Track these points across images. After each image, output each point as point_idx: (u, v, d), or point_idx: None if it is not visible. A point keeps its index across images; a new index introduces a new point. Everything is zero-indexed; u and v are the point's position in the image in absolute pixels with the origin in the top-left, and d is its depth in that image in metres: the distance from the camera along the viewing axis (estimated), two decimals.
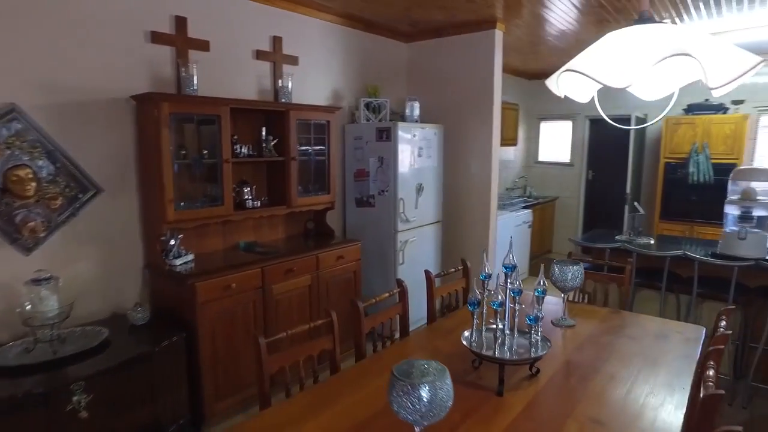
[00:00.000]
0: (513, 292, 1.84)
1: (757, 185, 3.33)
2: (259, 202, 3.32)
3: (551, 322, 2.40)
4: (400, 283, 2.39)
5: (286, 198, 3.42)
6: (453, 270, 2.78)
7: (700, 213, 5.61)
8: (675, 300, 3.70)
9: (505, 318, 1.78)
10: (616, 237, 4.09)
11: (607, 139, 7.01)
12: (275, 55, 3.56)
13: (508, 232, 5.32)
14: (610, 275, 2.92)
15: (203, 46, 3.12)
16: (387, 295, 2.29)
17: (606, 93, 1.95)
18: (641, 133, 6.34)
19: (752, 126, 5.61)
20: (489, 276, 1.93)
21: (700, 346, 2.15)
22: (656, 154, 6.38)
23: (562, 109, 7.27)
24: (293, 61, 3.70)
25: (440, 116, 4.55)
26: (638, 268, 3.65)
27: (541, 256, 7.05)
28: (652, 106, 6.51)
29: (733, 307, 2.11)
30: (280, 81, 3.55)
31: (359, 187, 4.15)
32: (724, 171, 5.40)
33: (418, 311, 3.72)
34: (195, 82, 2.92)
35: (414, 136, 4.07)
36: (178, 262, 2.84)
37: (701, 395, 1.37)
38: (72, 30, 2.55)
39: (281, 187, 3.45)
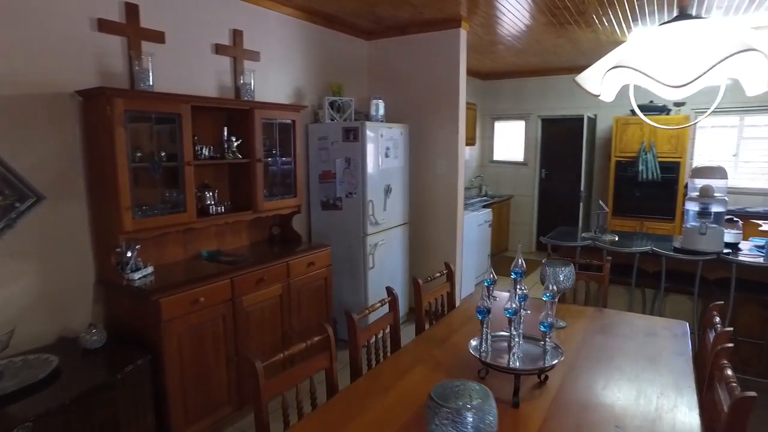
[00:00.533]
0: (520, 298, 1.76)
1: (714, 182, 3.49)
2: (222, 208, 3.07)
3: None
4: (390, 291, 2.25)
5: (251, 202, 3.19)
6: (438, 274, 2.68)
7: (648, 209, 5.88)
8: (640, 294, 3.81)
9: (518, 325, 1.69)
10: (582, 234, 4.17)
11: (558, 139, 7.22)
12: (236, 50, 3.32)
13: (471, 231, 5.32)
14: (591, 273, 2.94)
15: (158, 37, 2.84)
16: (379, 304, 2.15)
17: (559, 94, 1.92)
18: (592, 133, 6.57)
19: (692, 127, 5.94)
20: (494, 281, 1.84)
21: (689, 342, 2.17)
22: (607, 152, 6.63)
23: (515, 109, 7.42)
24: (255, 56, 3.47)
25: (404, 116, 4.46)
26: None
27: (498, 255, 7.14)
28: (601, 107, 6.78)
29: (722, 302, 2.14)
30: (241, 78, 3.31)
31: (325, 189, 3.98)
32: (669, 169, 5.70)
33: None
34: (150, 77, 2.64)
35: (381, 136, 3.95)
36: (136, 275, 2.55)
37: (730, 398, 1.33)
38: (2, 14, 2.22)
39: (246, 190, 3.22)
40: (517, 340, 1.69)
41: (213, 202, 3.05)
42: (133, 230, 2.47)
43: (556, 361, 1.66)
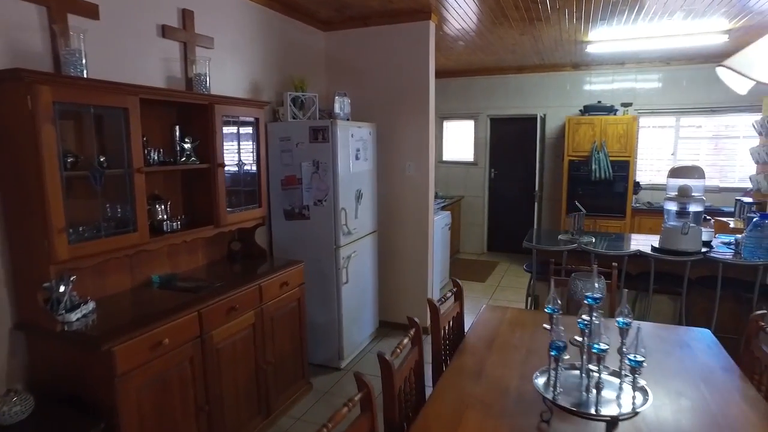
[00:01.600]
0: (587, 325, 1.48)
1: (692, 182, 3.48)
2: (178, 223, 2.53)
3: (570, 342, 2.11)
4: (412, 321, 1.89)
5: (212, 215, 2.68)
6: (449, 294, 2.35)
7: (601, 207, 5.97)
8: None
9: (600, 362, 1.40)
10: (560, 237, 4.05)
11: (508, 138, 7.20)
12: (186, 34, 2.78)
13: (437, 235, 5.06)
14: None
15: (89, 11, 2.25)
16: (407, 340, 1.78)
17: (507, 93, 1.68)
18: (542, 132, 6.59)
19: (636, 127, 6.12)
20: (559, 309, 1.54)
21: (726, 354, 2.03)
22: (557, 152, 6.69)
23: (464, 108, 7.31)
24: (208, 42, 2.95)
25: (368, 114, 4.10)
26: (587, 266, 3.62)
27: (451, 257, 6.98)
28: (550, 107, 6.85)
29: (765, 312, 2.01)
30: (194, 67, 2.78)
31: (289, 196, 3.51)
32: (620, 167, 5.81)
33: (361, 336, 3.32)
34: (84, 60, 2.07)
35: (352, 136, 3.57)
36: (73, 316, 1.98)
37: None
38: None
39: (204, 201, 2.70)
40: (603, 378, 1.40)
41: (166, 217, 2.51)
42: (69, 258, 1.90)
43: (647, 404, 1.39)
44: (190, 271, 2.80)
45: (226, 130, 2.75)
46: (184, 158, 2.58)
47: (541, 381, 1.51)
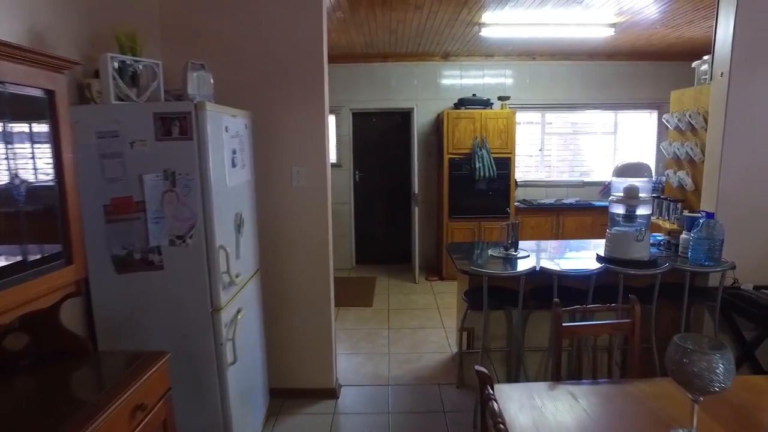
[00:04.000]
0: None
1: (639, 182, 3.06)
2: None
3: None
4: None
5: None
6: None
7: (484, 208, 5.56)
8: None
9: None
10: (491, 252, 3.33)
11: (373, 135, 6.40)
12: None
13: None
14: (616, 324, 2.03)
15: None
16: None
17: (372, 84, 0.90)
18: (414, 128, 5.93)
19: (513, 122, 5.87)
20: None
21: None
22: (429, 150, 6.11)
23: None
24: None
25: (236, 100, 2.78)
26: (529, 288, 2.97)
27: None
28: (420, 99, 6.22)
29: None
30: None
31: (120, 233, 2.04)
32: (502, 165, 5.46)
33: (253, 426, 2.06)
34: None
35: (227, 129, 2.25)
36: None
37: None
38: None
39: None
40: None
41: None
42: None
43: None
44: None
45: None
46: None
47: None
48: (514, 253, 3.24)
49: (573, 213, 5.70)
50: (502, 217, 5.53)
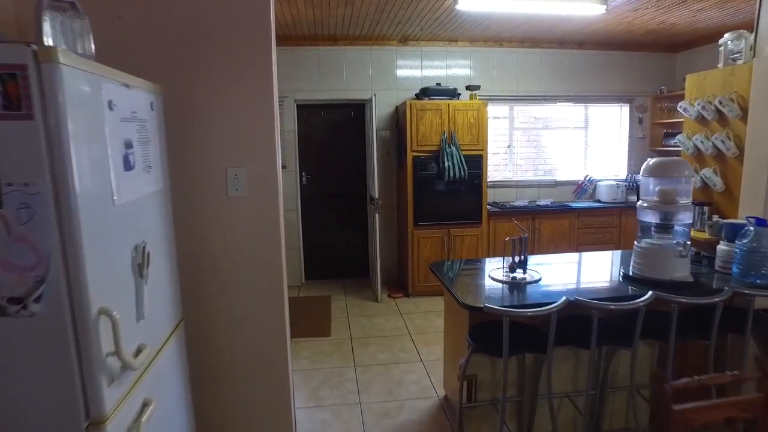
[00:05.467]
0: None
1: (677, 184, 2.44)
2: None
3: None
4: None
5: None
6: None
7: (454, 214, 4.86)
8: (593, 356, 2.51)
9: None
10: (490, 275, 2.59)
11: (320, 131, 5.52)
12: None
13: None
14: (744, 402, 1.33)
15: None
16: None
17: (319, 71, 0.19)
18: (361, 125, 5.13)
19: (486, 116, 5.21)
20: None
21: None
22: (388, 146, 5.32)
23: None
24: None
25: (141, 68, 1.83)
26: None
27: None
28: (377, 89, 5.40)
29: None
30: None
31: None
32: (473, 164, 4.79)
33: None
34: None
35: (112, 106, 1.32)
36: None
37: None
38: None
39: None
40: None
41: None
42: None
43: None
44: None
45: None
46: None
47: None
48: (522, 276, 2.51)
49: (549, 216, 5.13)
50: (474, 224, 4.87)
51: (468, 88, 4.91)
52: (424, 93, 4.84)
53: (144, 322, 1.46)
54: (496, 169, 5.56)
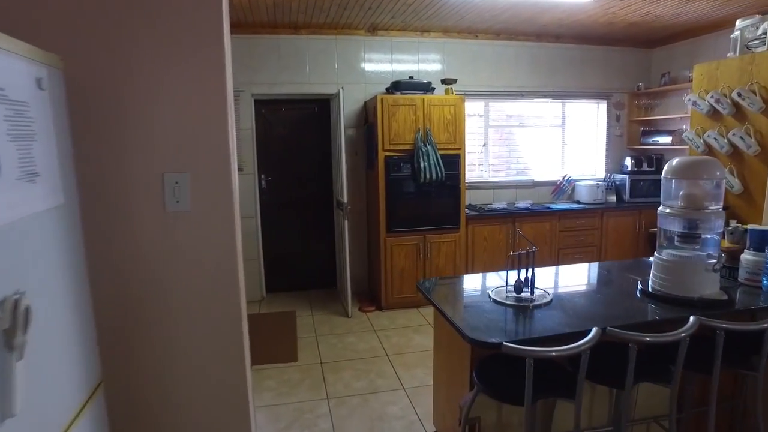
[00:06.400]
0: None
1: (706, 187, 2.11)
2: None
3: None
4: None
5: None
6: None
7: (430, 219, 4.46)
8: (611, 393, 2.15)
9: None
10: (491, 295, 2.18)
11: (280, 129, 5.01)
12: None
13: None
14: None
15: None
16: None
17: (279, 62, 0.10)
18: (326, 122, 4.66)
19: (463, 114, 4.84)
20: None
21: None
22: (356, 145, 4.87)
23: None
24: None
25: (30, 30, 1.31)
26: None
27: None
28: (344, 83, 4.92)
29: None
30: None
31: None
32: (450, 164, 4.42)
33: None
34: None
35: None
36: None
37: None
38: None
39: None
40: None
41: None
42: None
43: None
44: None
45: None
46: None
47: None
48: (530, 298, 2.12)
49: (529, 219, 4.82)
50: (452, 229, 4.49)
51: (444, 81, 4.52)
52: (396, 87, 4.42)
53: (15, 420, 0.95)
54: (471, 170, 5.21)
